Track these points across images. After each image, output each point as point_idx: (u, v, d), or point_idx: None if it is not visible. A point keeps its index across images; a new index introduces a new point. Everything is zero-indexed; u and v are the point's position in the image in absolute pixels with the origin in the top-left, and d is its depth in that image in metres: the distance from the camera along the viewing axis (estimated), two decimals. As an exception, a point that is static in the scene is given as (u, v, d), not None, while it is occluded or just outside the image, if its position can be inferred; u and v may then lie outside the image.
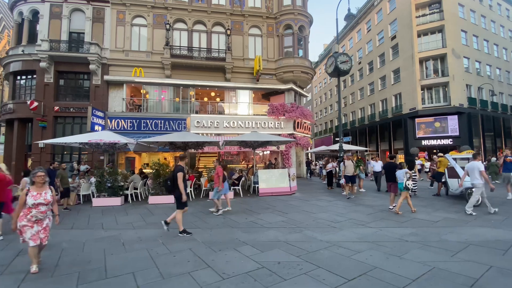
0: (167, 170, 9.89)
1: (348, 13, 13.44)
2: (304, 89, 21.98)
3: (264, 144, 12.43)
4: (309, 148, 21.46)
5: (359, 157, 11.88)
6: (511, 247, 4.30)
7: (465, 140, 23.73)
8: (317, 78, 52.83)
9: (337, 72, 13.49)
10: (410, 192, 7.21)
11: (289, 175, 11.00)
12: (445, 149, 25.30)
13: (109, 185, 9.56)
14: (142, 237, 5.48)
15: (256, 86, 18.77)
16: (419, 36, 26.52)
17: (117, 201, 9.47)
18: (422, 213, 7.03)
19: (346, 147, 20.52)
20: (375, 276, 3.38)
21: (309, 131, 20.78)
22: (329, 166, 12.61)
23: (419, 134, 26.36)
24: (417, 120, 26.44)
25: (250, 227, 6.02)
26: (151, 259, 4.20)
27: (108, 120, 16.67)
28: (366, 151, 33.62)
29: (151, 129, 16.85)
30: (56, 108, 16.76)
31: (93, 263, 4.13)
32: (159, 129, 16.93)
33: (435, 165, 10.65)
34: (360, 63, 36.31)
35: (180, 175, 5.43)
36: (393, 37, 29.25)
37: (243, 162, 19.84)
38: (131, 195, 10.32)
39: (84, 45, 17.05)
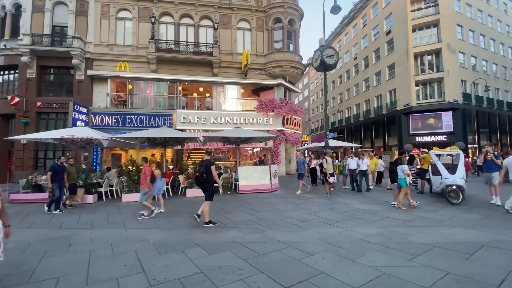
0: (141, 167, 9.55)
1: (334, 4, 12.95)
2: (295, 85, 21.54)
3: (247, 140, 12.08)
4: (300, 145, 21.10)
5: (332, 154, 11.50)
6: (478, 251, 3.98)
7: (459, 137, 23.35)
8: (314, 74, 52.37)
9: (323, 67, 13.07)
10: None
11: (270, 172, 10.68)
12: (439, 146, 24.96)
13: (81, 182, 9.24)
14: (95, 238, 5.17)
15: (244, 81, 18.38)
16: (414, 30, 26.01)
17: (89, 199, 9.15)
18: (397, 212, 6.72)
19: (336, 143, 20.29)
20: (316, 283, 3.07)
21: (299, 127, 20.42)
22: (314, 162, 12.28)
23: (413, 130, 26.00)
24: (411, 116, 26.05)
25: (213, 227, 5.71)
26: (88, 262, 3.89)
27: (92, 116, 16.32)
28: (361, 147, 33.35)
29: (136, 125, 16.51)
30: (39, 103, 16.39)
31: (25, 265, 3.84)
32: (144, 125, 16.58)
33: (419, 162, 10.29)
34: (355, 58, 35.82)
35: (213, 168, 5.82)
36: (388, 32, 28.74)
37: (232, 158, 19.51)
38: (106, 192, 10.01)
39: (67, 39, 16.63)
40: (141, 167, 9.45)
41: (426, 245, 4.24)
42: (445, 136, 24.56)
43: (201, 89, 19.49)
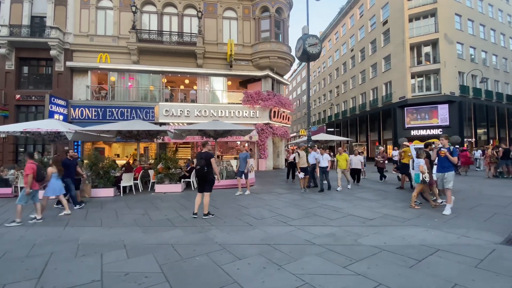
0: (107, 161, 9.14)
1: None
2: (284, 77, 20.90)
3: (225, 133, 11.57)
4: (288, 139, 20.56)
5: (307, 146, 10.94)
6: (430, 256, 3.49)
7: (455, 130, 22.67)
8: (311, 67, 51.43)
9: (306, 56, 12.47)
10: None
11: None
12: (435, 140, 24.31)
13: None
14: (25, 236, 4.75)
15: (229, 72, 17.79)
16: (410, 20, 25.11)
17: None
18: (363, 209, 6.24)
19: (327, 137, 19.75)
20: (218, 296, 2.61)
21: (288, 120, 19.86)
22: (291, 156, 11.76)
23: (408, 123, 25.33)
24: (406, 109, 25.36)
25: (157, 226, 5.27)
26: (-12, 266, 3.46)
27: (72, 109, 15.88)
28: (353, 141, 32.81)
29: (117, 118, 16.04)
30: (18, 96, 15.97)
31: None
32: (125, 118, 16.12)
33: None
34: (352, 50, 34.92)
35: (213, 160, 5.75)
36: (385, 22, 27.83)
37: (220, 152, 19.04)
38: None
39: (46, 29, 16.09)
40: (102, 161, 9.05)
41: (374, 249, 3.76)
42: (441, 130, 23.83)
43: (186, 81, 18.94)
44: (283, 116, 18.91)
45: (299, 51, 12.66)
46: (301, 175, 8.68)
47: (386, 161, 12.17)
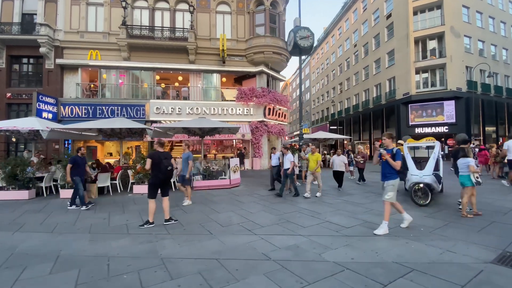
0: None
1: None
2: (281, 73, 20.23)
3: (211, 131, 11.06)
4: (284, 137, 19.94)
5: (294, 145, 10.34)
6: (399, 279, 2.89)
7: (462, 128, 21.68)
8: (315, 64, 50.53)
9: (298, 50, 11.80)
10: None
11: (229, 166, 9.67)
12: (440, 138, 23.32)
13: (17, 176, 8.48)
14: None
15: (222, 68, 17.25)
16: (415, 13, 24.07)
17: (24, 194, 8.39)
18: (344, 215, 5.63)
19: (325, 135, 19.04)
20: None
21: (284, 118, 19.21)
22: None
23: (412, 121, 24.36)
24: (410, 106, 24.39)
25: (110, 233, 4.78)
26: None
27: (61, 107, 15.62)
28: (351, 139, 31.97)
29: (107, 116, 15.70)
30: (8, 95, 15.82)
31: None
32: (115, 116, 15.73)
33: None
34: (355, 45, 33.92)
35: (148, 161, 5.11)
36: (389, 16, 26.82)
37: (213, 151, 18.58)
38: (50, 187, 9.23)
39: (36, 26, 15.85)
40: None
41: (336, 267, 3.18)
42: (447, 127, 22.90)
43: (180, 78, 18.50)
44: (279, 113, 18.28)
45: (290, 45, 12.01)
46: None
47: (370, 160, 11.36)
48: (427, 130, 23.64)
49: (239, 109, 16.86)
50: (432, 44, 23.88)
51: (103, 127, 9.50)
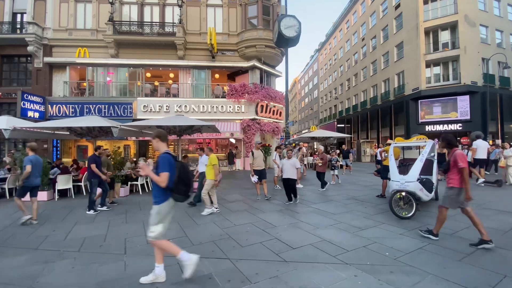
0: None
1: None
2: (277, 68, 19.21)
3: (188, 130, 10.29)
4: (280, 136, 18.92)
5: (267, 144, 9.38)
6: None
7: (477, 125, 19.86)
8: (323, 60, 48.92)
9: (284, 41, 10.82)
10: None
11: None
12: (454, 136, 21.48)
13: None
14: None
15: (212, 64, 16.49)
16: (425, 2, 22.32)
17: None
18: (302, 229, 4.67)
19: (324, 133, 17.88)
20: None
21: (280, 115, 18.20)
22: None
23: (422, 118, 22.67)
24: (420, 102, 22.69)
25: (19, 247, 4.09)
26: None
27: (49, 105, 15.39)
28: (351, 138, 30.47)
29: (94, 114, 15.31)
30: (-1, 94, 15.77)
31: None
32: (103, 114, 15.38)
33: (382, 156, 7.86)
34: (363, 39, 32.27)
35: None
36: (397, 6, 25.14)
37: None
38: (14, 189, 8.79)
39: (24, 25, 15.71)
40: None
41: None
42: (461, 125, 21.09)
43: (171, 75, 17.89)
44: (273, 111, 17.31)
45: (275, 35, 11.05)
46: (254, 178, 7.16)
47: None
48: (439, 127, 21.90)
49: (230, 107, 16.06)
50: (444, 35, 22.05)
51: (70, 126, 8.93)
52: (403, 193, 5.25)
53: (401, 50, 24.82)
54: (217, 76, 18.08)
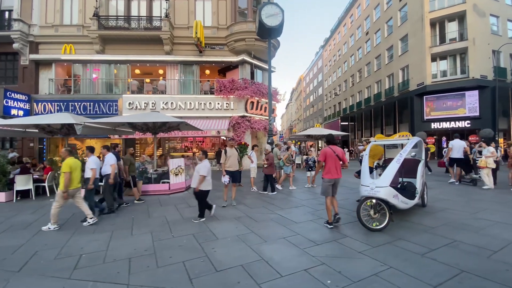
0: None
1: None
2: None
3: (162, 127, 9.65)
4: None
5: (243, 143, 8.61)
6: None
7: (487, 122, 18.51)
8: (327, 56, 47.59)
9: (266, 31, 10.02)
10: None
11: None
12: (461, 134, 20.16)
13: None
14: None
15: (200, 59, 15.81)
16: (432, -9, 20.95)
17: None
18: (246, 243, 3.91)
19: (319, 131, 16.95)
20: None
21: (273, 112, 17.30)
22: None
23: (428, 115, 21.36)
24: (425, 97, 21.39)
25: None
26: None
27: (35, 103, 15.08)
28: (348, 136, 29.22)
29: (79, 112, 14.95)
30: (-14, 92, 15.57)
31: None
32: (88, 112, 14.98)
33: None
34: (367, 33, 30.95)
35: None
36: (402, -3, 23.79)
37: (194, 149, 17.26)
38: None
39: (10, 22, 15.44)
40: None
41: None
42: (469, 122, 19.74)
43: (161, 72, 17.30)
44: (265, 107, 16.49)
45: (257, 25, 10.26)
46: (225, 179, 6.35)
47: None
48: (445, 125, 20.59)
49: (218, 103, 15.36)
50: (451, 26, 20.65)
51: (35, 123, 8.45)
52: (374, 201, 4.41)
53: (405, 44, 23.52)
54: (207, 72, 17.42)
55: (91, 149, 6.01)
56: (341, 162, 4.66)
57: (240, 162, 6.76)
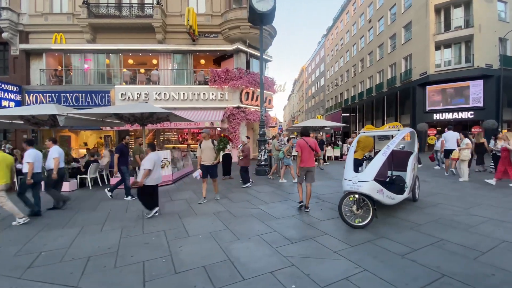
0: None
1: None
2: (267, 52, 17.82)
3: (149, 118, 9.35)
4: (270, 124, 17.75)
5: (224, 135, 8.29)
6: None
7: (491, 113, 17.96)
8: (329, 46, 46.53)
9: (257, 17, 9.55)
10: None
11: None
12: (464, 125, 19.65)
13: None
14: None
15: (193, 48, 15.34)
16: (437, -25, 20.02)
17: None
18: (216, 241, 3.68)
19: (320, 123, 16.55)
20: None
21: (269, 103, 16.97)
22: (228, 147, 9.24)
23: (430, 106, 20.78)
24: (428, 88, 20.76)
25: None
26: None
27: (26, 94, 14.85)
28: (354, 128, 28.70)
29: (71, 104, 14.68)
30: (-23, 83, 15.36)
31: None
32: (80, 103, 14.71)
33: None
34: (370, 21, 29.99)
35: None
36: (406, -18, 22.83)
37: (190, 140, 17.03)
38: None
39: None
40: None
41: None
42: (472, 113, 19.15)
43: (154, 62, 16.89)
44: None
45: (248, 9, 9.80)
46: (196, 174, 6.07)
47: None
48: (448, 116, 20.03)
49: (213, 94, 14.99)
50: (457, 13, 19.80)
51: (19, 114, 8.23)
52: (356, 196, 4.12)
53: (409, 31, 22.71)
54: (202, 61, 16.98)
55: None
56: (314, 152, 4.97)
57: (217, 156, 6.35)
